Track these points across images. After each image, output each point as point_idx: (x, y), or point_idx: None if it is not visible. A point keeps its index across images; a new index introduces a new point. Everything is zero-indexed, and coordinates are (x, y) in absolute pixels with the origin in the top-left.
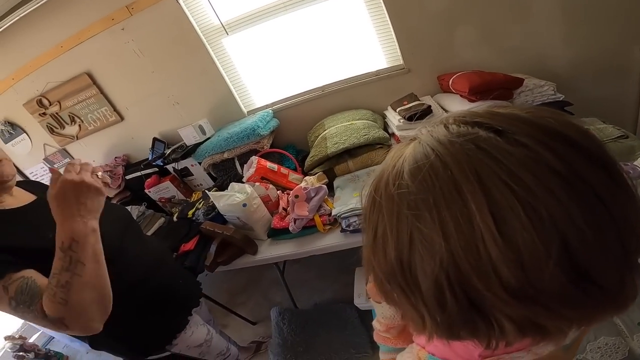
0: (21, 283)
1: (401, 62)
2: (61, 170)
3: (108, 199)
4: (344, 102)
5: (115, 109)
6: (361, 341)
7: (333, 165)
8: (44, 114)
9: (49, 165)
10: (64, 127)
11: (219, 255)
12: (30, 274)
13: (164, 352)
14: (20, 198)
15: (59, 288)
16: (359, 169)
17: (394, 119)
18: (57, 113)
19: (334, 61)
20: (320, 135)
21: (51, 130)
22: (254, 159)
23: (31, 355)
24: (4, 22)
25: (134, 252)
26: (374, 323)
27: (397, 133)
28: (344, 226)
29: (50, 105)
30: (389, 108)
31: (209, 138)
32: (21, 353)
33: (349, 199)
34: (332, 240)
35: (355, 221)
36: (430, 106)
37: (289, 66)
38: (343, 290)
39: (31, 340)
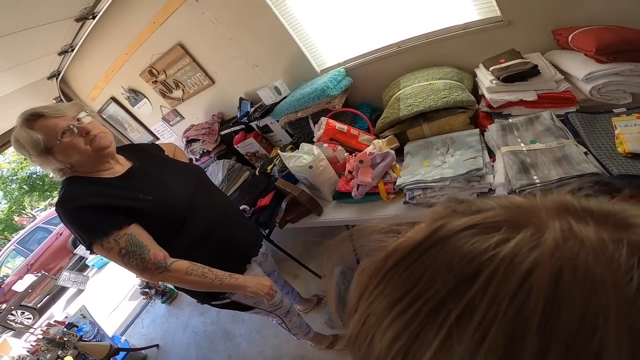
0: (128, 237)
1: (498, 13)
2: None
3: (192, 161)
4: (423, 58)
5: (207, 74)
6: None
7: (406, 129)
8: (155, 81)
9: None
10: (172, 92)
11: (288, 213)
12: (134, 230)
13: (225, 299)
14: (123, 164)
15: (202, 273)
16: (435, 134)
17: (485, 79)
18: (164, 80)
19: (411, 15)
20: (394, 96)
21: (163, 95)
22: (323, 119)
23: (153, 291)
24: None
25: (203, 210)
26: None
27: (488, 96)
28: (407, 198)
29: (158, 74)
30: (481, 66)
31: (284, 98)
32: (146, 289)
33: (417, 168)
34: (394, 211)
35: (419, 194)
36: (536, 66)
37: (360, 22)
38: None
39: None
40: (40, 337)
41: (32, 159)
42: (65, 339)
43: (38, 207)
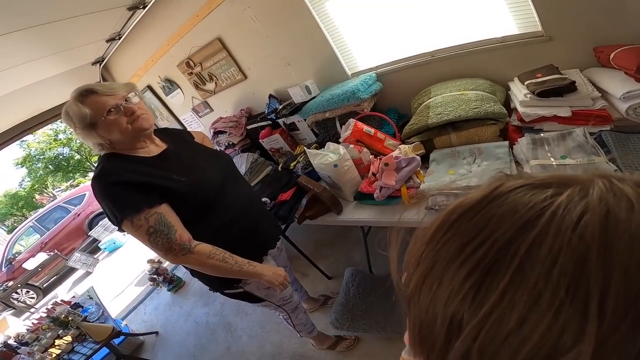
0: (157, 216)
1: (539, 28)
2: None
3: (216, 151)
4: (456, 69)
5: (240, 69)
6: None
7: (433, 137)
8: (191, 73)
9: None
10: (205, 84)
11: (308, 210)
12: (163, 209)
13: (238, 288)
14: (159, 145)
15: (223, 258)
16: (462, 144)
17: (519, 93)
18: (199, 72)
19: (447, 25)
20: (424, 104)
21: (196, 86)
22: (351, 121)
23: (161, 278)
24: None
25: (230, 197)
26: (403, 354)
27: (521, 110)
28: (430, 203)
29: (194, 66)
30: (516, 79)
31: (314, 97)
32: (154, 276)
33: (442, 176)
34: (415, 215)
35: (442, 200)
36: (574, 82)
37: (396, 29)
38: None
39: (164, 265)
40: (44, 315)
41: (76, 131)
42: (70, 318)
43: (59, 188)
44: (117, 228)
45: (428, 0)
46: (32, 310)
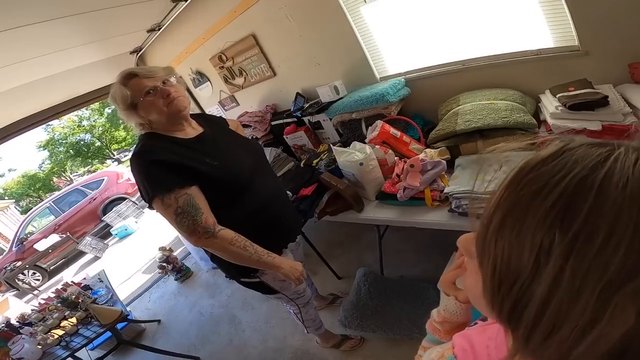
0: (187, 197)
1: (576, 42)
2: None
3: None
4: (487, 79)
5: (270, 66)
6: (426, 323)
7: (460, 143)
8: (222, 67)
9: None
10: (234, 78)
11: (329, 206)
12: (193, 191)
13: (255, 278)
14: (195, 129)
15: (244, 246)
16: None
17: (550, 105)
18: (230, 67)
19: (481, 35)
20: (452, 110)
21: (225, 80)
22: (379, 122)
23: (170, 267)
24: None
25: (259, 185)
26: (433, 311)
27: (550, 122)
28: (454, 206)
29: (226, 60)
30: (547, 92)
31: (341, 98)
32: (164, 264)
33: (467, 181)
34: (437, 217)
35: (467, 204)
36: (607, 96)
37: (427, 37)
38: (433, 270)
39: (175, 254)
40: (53, 296)
41: (120, 111)
42: (80, 299)
43: (77, 172)
44: (147, 205)
45: (464, 10)
46: (35, 292)
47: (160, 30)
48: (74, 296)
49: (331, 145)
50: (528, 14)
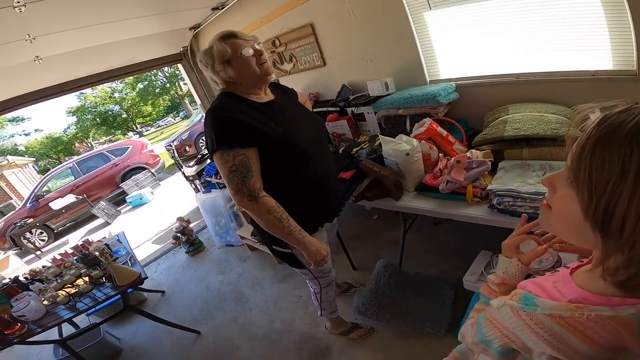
0: (243, 158)
1: (634, 67)
2: None
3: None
4: (539, 94)
5: (322, 56)
6: (441, 321)
7: (505, 148)
8: (273, 51)
9: None
10: (282, 64)
11: (367, 190)
12: (251, 154)
13: (286, 248)
14: (268, 95)
15: (280, 217)
16: (533, 159)
17: None
18: (282, 52)
19: (539, 50)
20: (501, 118)
21: (274, 64)
22: (428, 120)
23: (184, 238)
24: None
25: (315, 160)
26: (490, 276)
27: None
28: (495, 202)
29: (279, 45)
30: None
31: (389, 94)
32: (179, 234)
33: (509, 182)
34: (475, 212)
35: (509, 202)
36: None
37: (484, 47)
38: (450, 272)
39: (191, 226)
40: (70, 252)
41: (209, 68)
42: (103, 257)
43: (99, 140)
44: (209, 155)
45: (526, 24)
46: (38, 253)
47: (224, 8)
48: (97, 252)
49: (379, 134)
50: (592, 34)
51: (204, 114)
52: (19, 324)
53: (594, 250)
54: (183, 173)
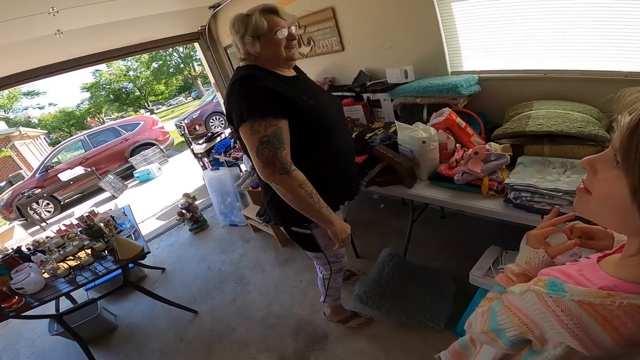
0: (276, 129)
1: None
2: None
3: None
4: (566, 92)
5: (341, 41)
6: (441, 314)
7: (526, 143)
8: None
9: None
10: (300, 47)
11: (379, 176)
12: (283, 125)
13: (307, 229)
14: (291, 72)
15: (311, 192)
16: (554, 156)
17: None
18: (300, 35)
19: (571, 48)
20: (524, 114)
21: None
22: (447, 110)
23: (189, 215)
24: None
25: (338, 137)
26: (510, 265)
27: None
28: (511, 197)
29: (298, 28)
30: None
31: (408, 82)
32: (184, 211)
33: (528, 177)
34: (489, 205)
35: (527, 197)
36: None
37: (511, 41)
38: (454, 267)
39: (197, 203)
40: (75, 223)
41: (239, 37)
42: (107, 230)
43: (111, 116)
44: (234, 128)
45: (557, 21)
46: (43, 224)
47: None
48: (102, 223)
49: (396, 121)
50: (626, 34)
51: (229, 85)
52: (17, 297)
53: (633, 237)
54: (192, 150)
